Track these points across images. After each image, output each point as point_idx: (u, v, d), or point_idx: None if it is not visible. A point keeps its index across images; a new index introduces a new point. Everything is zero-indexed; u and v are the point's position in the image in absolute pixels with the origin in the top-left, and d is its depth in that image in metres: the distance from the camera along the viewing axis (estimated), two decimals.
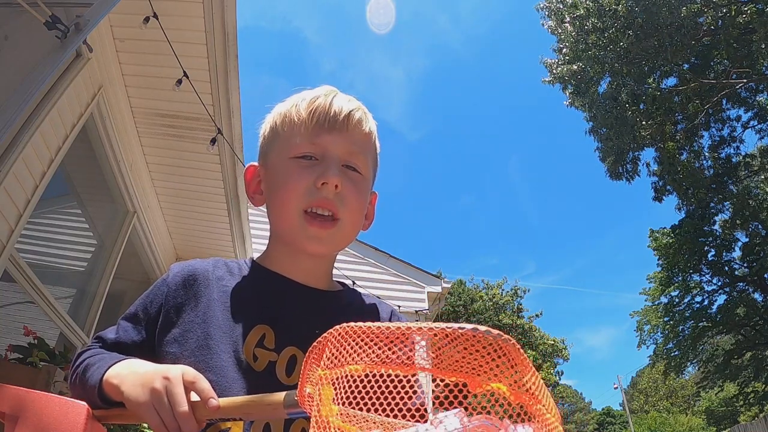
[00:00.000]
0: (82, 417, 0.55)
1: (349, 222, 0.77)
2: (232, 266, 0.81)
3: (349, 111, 0.78)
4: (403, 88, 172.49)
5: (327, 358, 0.41)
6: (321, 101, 0.78)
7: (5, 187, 2.31)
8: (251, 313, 0.72)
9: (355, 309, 0.81)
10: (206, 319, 0.71)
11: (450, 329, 0.36)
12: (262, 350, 0.69)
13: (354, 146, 0.78)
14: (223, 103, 3.43)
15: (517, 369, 0.36)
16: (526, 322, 22.86)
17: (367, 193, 0.82)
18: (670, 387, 33.26)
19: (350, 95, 0.83)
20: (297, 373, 0.67)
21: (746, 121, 14.99)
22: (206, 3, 2.87)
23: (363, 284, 6.83)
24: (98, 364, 0.65)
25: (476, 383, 0.36)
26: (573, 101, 14.10)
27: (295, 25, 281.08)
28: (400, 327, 0.38)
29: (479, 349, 0.36)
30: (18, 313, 2.94)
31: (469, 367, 0.37)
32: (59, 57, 2.09)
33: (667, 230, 17.47)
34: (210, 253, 5.13)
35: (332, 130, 0.77)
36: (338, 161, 0.76)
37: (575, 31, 12.95)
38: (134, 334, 0.73)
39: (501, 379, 0.36)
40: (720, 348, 18.83)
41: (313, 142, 0.77)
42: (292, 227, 0.76)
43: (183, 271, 0.77)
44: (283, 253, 0.80)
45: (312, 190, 0.74)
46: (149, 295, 0.76)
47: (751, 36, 11.08)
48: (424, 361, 0.38)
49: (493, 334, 0.35)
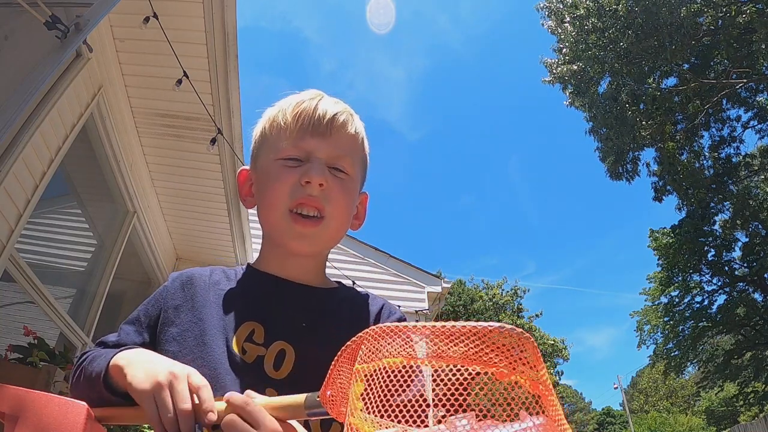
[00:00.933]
0: (82, 417, 0.55)
1: (335, 220, 0.78)
2: (229, 273, 0.83)
3: (333, 114, 0.79)
4: (403, 88, 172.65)
5: (364, 353, 0.45)
6: (306, 105, 0.80)
7: (5, 187, 2.31)
8: (242, 311, 0.74)
9: (347, 304, 0.82)
10: (202, 317, 0.73)
11: (479, 327, 0.41)
12: (251, 345, 0.70)
13: (339, 150, 0.79)
14: (223, 103, 3.43)
15: (533, 364, 0.41)
16: (526, 322, 22.86)
17: (354, 192, 0.83)
18: (670, 387, 33.27)
19: (338, 98, 0.84)
20: (285, 368, 0.69)
21: (746, 121, 15.01)
22: (206, 3, 2.87)
23: (363, 284, 6.84)
24: (105, 355, 0.67)
25: (502, 374, 0.41)
26: (573, 101, 14.10)
27: (296, 24, 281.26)
28: (434, 325, 0.43)
29: (505, 344, 0.40)
30: (18, 313, 2.95)
31: (495, 360, 0.41)
32: (59, 57, 2.09)
33: (667, 230, 17.47)
34: (210, 253, 5.14)
35: (316, 134, 0.78)
36: (323, 163, 0.77)
37: (575, 31, 12.94)
38: (135, 337, 0.75)
39: (524, 371, 0.41)
40: (720, 348, 18.83)
41: (298, 145, 0.78)
42: (279, 227, 0.77)
43: (181, 277, 0.81)
44: (274, 254, 0.82)
45: (297, 188, 0.76)
46: (150, 301, 0.79)
47: (751, 36, 11.08)
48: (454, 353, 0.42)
49: (517, 331, 0.40)
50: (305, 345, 0.71)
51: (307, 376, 0.68)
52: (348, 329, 0.76)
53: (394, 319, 0.83)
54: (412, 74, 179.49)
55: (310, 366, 0.69)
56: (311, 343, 0.72)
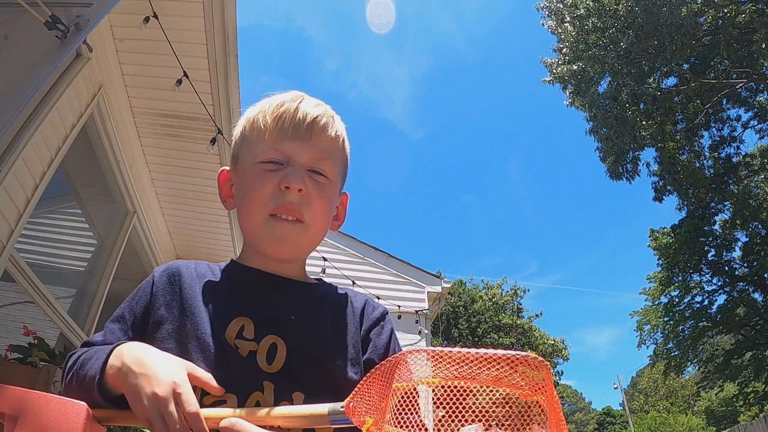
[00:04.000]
0: (82, 417, 0.55)
1: (314, 225, 0.78)
2: (213, 267, 0.83)
3: (313, 118, 0.79)
4: (406, 87, 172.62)
5: (402, 373, 0.52)
6: (286, 107, 0.79)
7: (5, 187, 2.31)
8: (230, 306, 0.74)
9: (330, 299, 0.83)
10: (194, 312, 0.73)
11: (510, 355, 0.47)
12: (242, 341, 0.70)
13: (318, 152, 0.79)
14: (223, 103, 3.43)
15: (549, 387, 0.48)
16: (526, 322, 22.87)
17: (333, 195, 0.83)
18: (670, 387, 33.26)
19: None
20: (278, 361, 0.69)
21: (746, 121, 15.01)
22: (206, 3, 2.87)
23: (363, 284, 6.83)
24: (96, 358, 0.65)
25: (525, 395, 0.48)
26: (573, 101, 14.10)
27: (299, 23, 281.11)
28: (469, 351, 0.49)
29: (528, 369, 0.48)
30: (18, 313, 2.94)
31: (522, 383, 0.49)
32: (59, 57, 2.09)
33: (667, 230, 17.47)
34: (210, 253, 5.15)
35: (295, 137, 0.78)
36: (302, 167, 0.77)
37: (575, 31, 12.94)
38: (121, 335, 0.74)
39: (542, 392, 0.48)
40: (720, 348, 18.84)
41: (277, 148, 0.78)
42: (259, 233, 0.77)
43: (167, 271, 0.79)
44: (254, 254, 0.82)
45: (277, 193, 0.75)
46: (134, 297, 0.78)
47: (751, 36, 11.08)
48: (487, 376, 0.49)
49: (539, 359, 0.47)
50: (295, 338, 0.72)
51: (300, 368, 0.70)
52: (332, 323, 0.78)
53: (377, 315, 0.84)
54: (415, 73, 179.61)
55: (302, 359, 0.70)
56: (301, 336, 0.72)
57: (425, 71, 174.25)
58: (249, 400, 0.65)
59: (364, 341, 0.79)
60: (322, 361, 0.71)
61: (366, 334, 0.80)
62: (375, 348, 0.79)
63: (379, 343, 0.80)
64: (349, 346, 0.76)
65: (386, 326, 0.83)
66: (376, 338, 0.80)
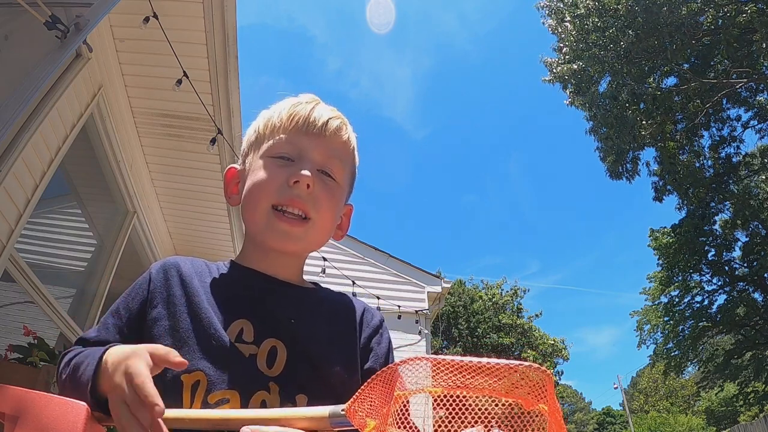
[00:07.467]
0: (82, 417, 0.55)
1: (319, 223, 0.78)
2: (211, 266, 0.82)
3: (328, 118, 0.80)
4: (408, 86, 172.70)
5: (407, 381, 0.52)
6: (302, 107, 0.81)
7: (5, 187, 2.31)
8: (229, 308, 0.73)
9: (328, 304, 0.83)
10: (193, 310, 0.72)
11: (510, 365, 0.48)
12: (242, 345, 0.69)
13: (330, 151, 0.80)
14: (223, 103, 3.43)
15: (550, 395, 0.49)
16: (526, 321, 22.86)
17: (340, 199, 0.83)
18: (670, 387, 33.26)
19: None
20: (278, 364, 0.69)
21: (746, 120, 14.99)
22: (206, 3, 2.87)
23: (363, 284, 6.84)
24: (89, 362, 0.63)
25: (528, 403, 0.49)
26: (573, 100, 14.10)
27: (300, 22, 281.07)
28: (471, 361, 0.49)
29: (531, 378, 0.48)
30: (18, 313, 2.95)
31: (522, 391, 0.49)
32: (59, 57, 2.09)
33: (667, 230, 17.47)
34: (210, 254, 5.14)
35: (309, 133, 0.79)
36: (313, 164, 0.77)
37: (575, 30, 12.94)
38: (116, 332, 0.73)
39: (544, 401, 0.48)
40: (720, 348, 18.82)
41: (290, 141, 0.79)
42: (261, 223, 0.77)
43: (165, 266, 0.78)
44: (255, 251, 0.82)
45: (284, 187, 0.75)
46: (131, 293, 0.76)
47: (752, 36, 11.08)
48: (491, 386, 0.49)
49: (542, 369, 0.48)
50: (295, 341, 0.71)
51: (301, 371, 0.69)
52: (329, 327, 0.78)
53: (376, 323, 0.84)
54: (417, 72, 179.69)
55: (303, 362, 0.70)
56: (300, 339, 0.72)
57: (427, 70, 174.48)
58: (253, 399, 0.65)
59: (365, 349, 0.79)
60: (322, 364, 0.71)
61: (367, 342, 0.80)
62: (377, 357, 0.79)
63: (380, 351, 0.80)
64: (348, 350, 0.76)
65: (384, 334, 0.84)
66: (377, 347, 0.81)
